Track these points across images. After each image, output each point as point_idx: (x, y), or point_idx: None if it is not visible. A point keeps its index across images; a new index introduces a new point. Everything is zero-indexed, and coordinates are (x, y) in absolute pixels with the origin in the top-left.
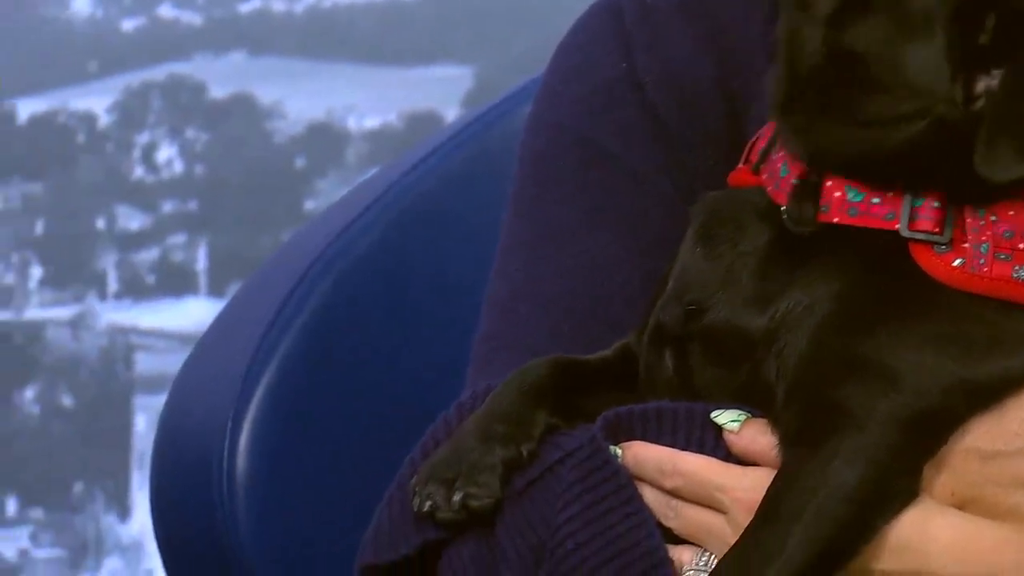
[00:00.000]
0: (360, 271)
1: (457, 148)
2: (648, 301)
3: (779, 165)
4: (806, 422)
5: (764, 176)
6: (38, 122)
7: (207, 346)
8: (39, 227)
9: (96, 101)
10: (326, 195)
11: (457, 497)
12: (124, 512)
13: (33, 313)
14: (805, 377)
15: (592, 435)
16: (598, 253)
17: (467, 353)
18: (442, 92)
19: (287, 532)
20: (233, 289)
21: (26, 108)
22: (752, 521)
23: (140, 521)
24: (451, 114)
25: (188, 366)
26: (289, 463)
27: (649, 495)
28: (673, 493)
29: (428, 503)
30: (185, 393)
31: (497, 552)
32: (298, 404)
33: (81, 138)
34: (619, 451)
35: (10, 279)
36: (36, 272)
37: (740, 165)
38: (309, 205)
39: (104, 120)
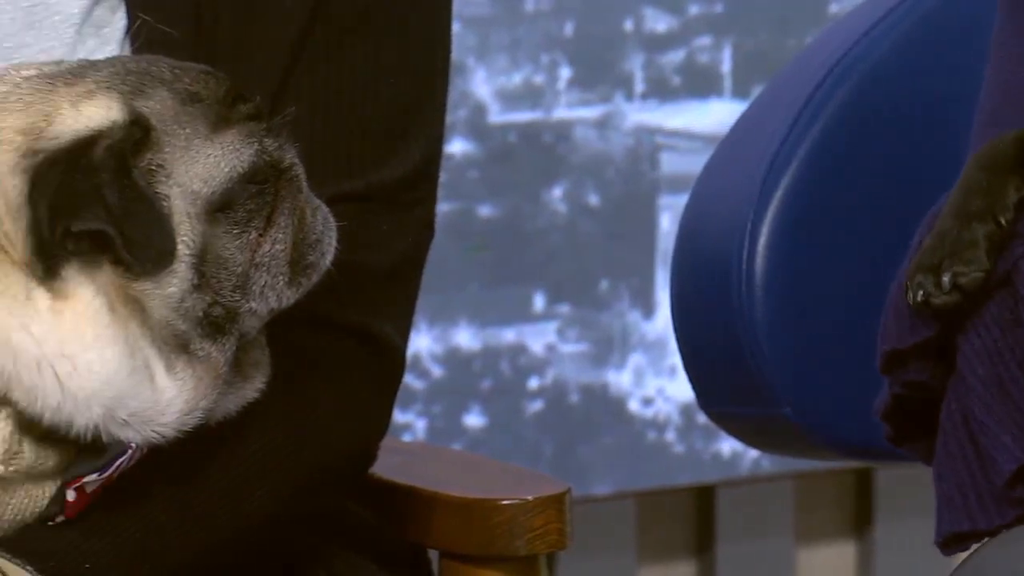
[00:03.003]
0: (880, 76)
1: None
2: None
3: None
4: None
5: None
6: None
7: (729, 148)
8: (568, 28)
9: None
10: None
11: (946, 278)
12: (648, 309)
13: (561, 113)
14: None
15: None
16: None
17: None
18: None
19: (802, 335)
20: (757, 91)
21: None
22: None
23: (664, 318)
24: None
25: (709, 167)
26: (806, 266)
27: None
28: None
29: (920, 292)
30: (706, 194)
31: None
32: (815, 208)
33: None
34: None
35: (540, 79)
36: (565, 73)
37: None
38: (834, 8)
39: None
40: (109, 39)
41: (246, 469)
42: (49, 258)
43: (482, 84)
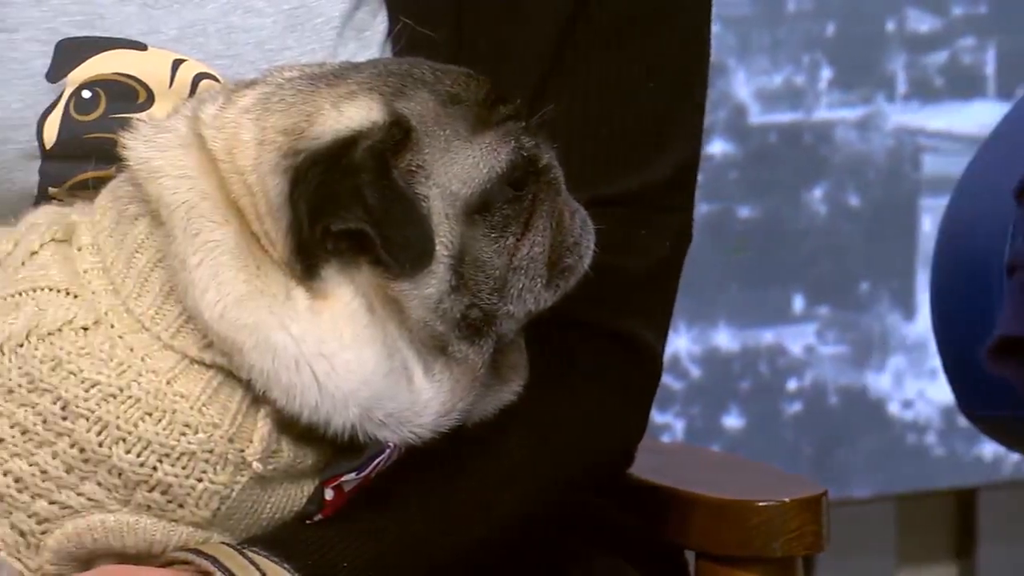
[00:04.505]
0: None
1: None
2: None
3: None
4: None
5: None
6: None
7: (991, 148)
8: (830, 29)
9: None
10: None
11: None
12: (909, 312)
13: (822, 114)
14: None
15: None
16: None
17: None
18: None
19: None
20: (1021, 92)
21: None
22: None
23: (925, 320)
24: None
25: (971, 168)
26: None
27: None
28: None
29: None
30: (967, 195)
31: None
32: None
33: None
34: None
35: (801, 80)
36: (826, 73)
37: None
38: None
39: None
40: (370, 42)
41: (502, 471)
42: (308, 258)
43: (742, 85)
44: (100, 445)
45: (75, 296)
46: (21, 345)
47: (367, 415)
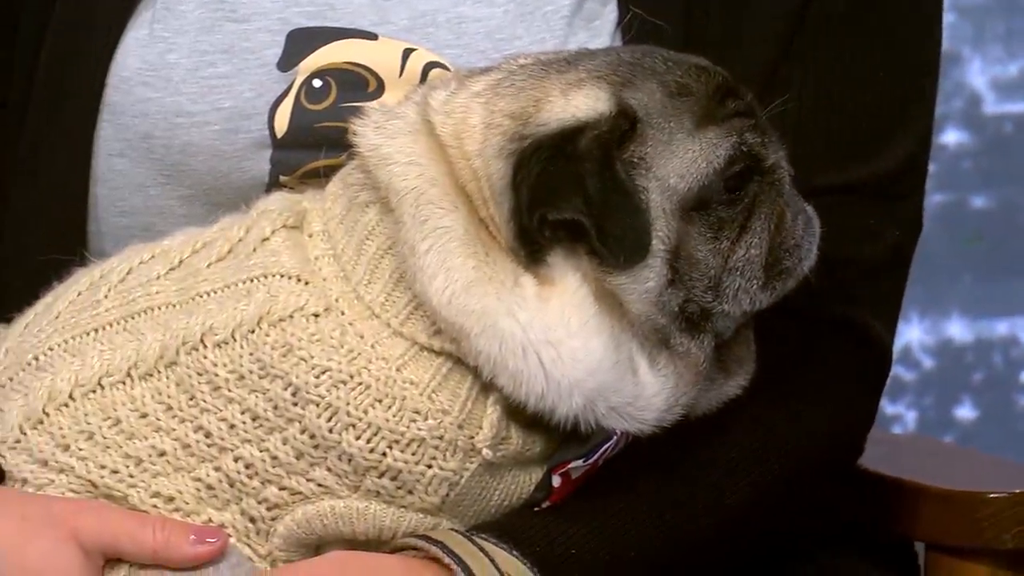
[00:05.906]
0: None
1: None
2: None
3: None
4: None
5: None
6: None
7: None
8: None
9: None
10: None
11: None
12: None
13: None
14: None
15: None
16: None
17: None
18: None
19: None
20: None
21: None
22: None
23: None
24: None
25: None
26: None
27: None
28: None
29: None
30: None
31: None
32: None
33: None
34: None
35: None
36: None
37: None
38: None
39: None
40: (600, 31)
41: (730, 459)
42: (530, 244)
43: (977, 74)
44: (330, 431)
45: (306, 283)
46: (252, 331)
47: (591, 406)
